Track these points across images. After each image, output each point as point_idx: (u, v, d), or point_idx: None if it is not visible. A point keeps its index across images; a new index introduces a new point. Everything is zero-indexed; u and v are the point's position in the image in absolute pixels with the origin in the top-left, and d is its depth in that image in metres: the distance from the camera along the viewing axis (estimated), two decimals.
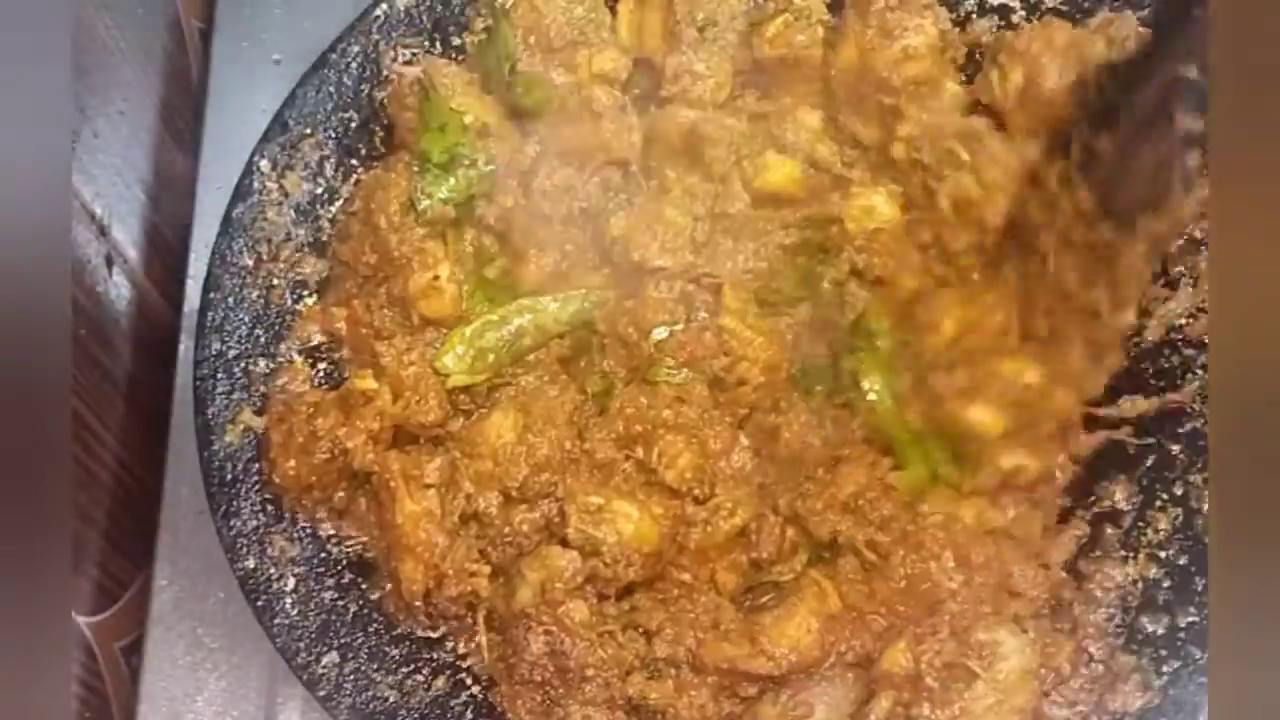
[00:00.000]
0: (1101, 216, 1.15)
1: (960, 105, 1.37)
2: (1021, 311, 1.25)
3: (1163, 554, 1.28)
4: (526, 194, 1.34)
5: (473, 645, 1.28)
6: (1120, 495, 1.32)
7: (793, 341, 1.35)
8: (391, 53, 1.41)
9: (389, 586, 1.29)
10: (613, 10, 1.42)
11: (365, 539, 1.30)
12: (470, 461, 1.26)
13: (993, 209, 1.29)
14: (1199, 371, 1.32)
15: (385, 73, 1.40)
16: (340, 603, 1.28)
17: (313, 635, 1.25)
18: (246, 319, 1.34)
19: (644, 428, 1.28)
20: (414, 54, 1.41)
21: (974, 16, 1.43)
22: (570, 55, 1.38)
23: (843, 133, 1.38)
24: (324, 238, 1.39)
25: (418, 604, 1.25)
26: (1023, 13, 1.44)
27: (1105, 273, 1.17)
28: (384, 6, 1.41)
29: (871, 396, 1.29)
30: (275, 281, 1.36)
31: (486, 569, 1.24)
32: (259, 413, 1.31)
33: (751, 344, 1.30)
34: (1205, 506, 1.27)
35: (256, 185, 1.36)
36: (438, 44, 1.44)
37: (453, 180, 1.32)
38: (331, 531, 1.31)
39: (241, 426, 1.30)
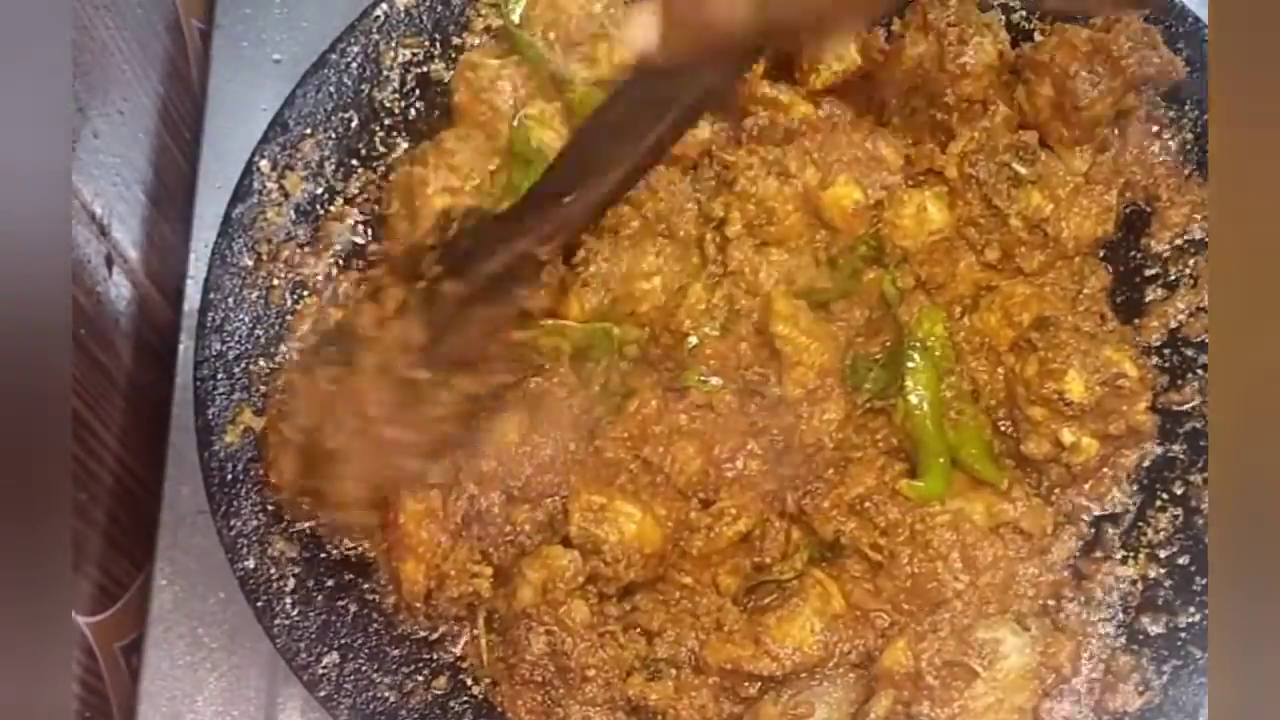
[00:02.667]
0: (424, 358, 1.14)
1: (1012, 127, 1.37)
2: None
3: (1163, 554, 1.28)
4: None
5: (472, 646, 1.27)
6: (1120, 495, 1.32)
7: (846, 343, 1.34)
8: (391, 53, 1.42)
9: (389, 587, 1.30)
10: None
11: (366, 540, 1.30)
12: (473, 462, 1.26)
13: (1067, 225, 1.31)
14: (1199, 371, 1.32)
15: (458, 56, 1.42)
16: (340, 603, 1.28)
17: (313, 635, 1.25)
18: (246, 319, 1.34)
19: (660, 429, 1.28)
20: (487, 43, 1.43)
21: None
22: (591, 49, 1.38)
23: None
24: (322, 236, 1.39)
25: (418, 604, 1.25)
26: (1023, 11, 1.44)
27: None
28: (384, 6, 1.41)
29: (912, 399, 1.28)
30: (275, 281, 1.36)
31: (489, 570, 1.24)
32: (259, 413, 1.31)
33: (807, 350, 1.29)
34: (1205, 506, 1.27)
35: (256, 185, 1.36)
36: (438, 44, 1.44)
37: None
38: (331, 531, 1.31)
39: (241, 426, 1.30)
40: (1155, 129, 1.37)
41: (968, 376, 1.32)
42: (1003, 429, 1.32)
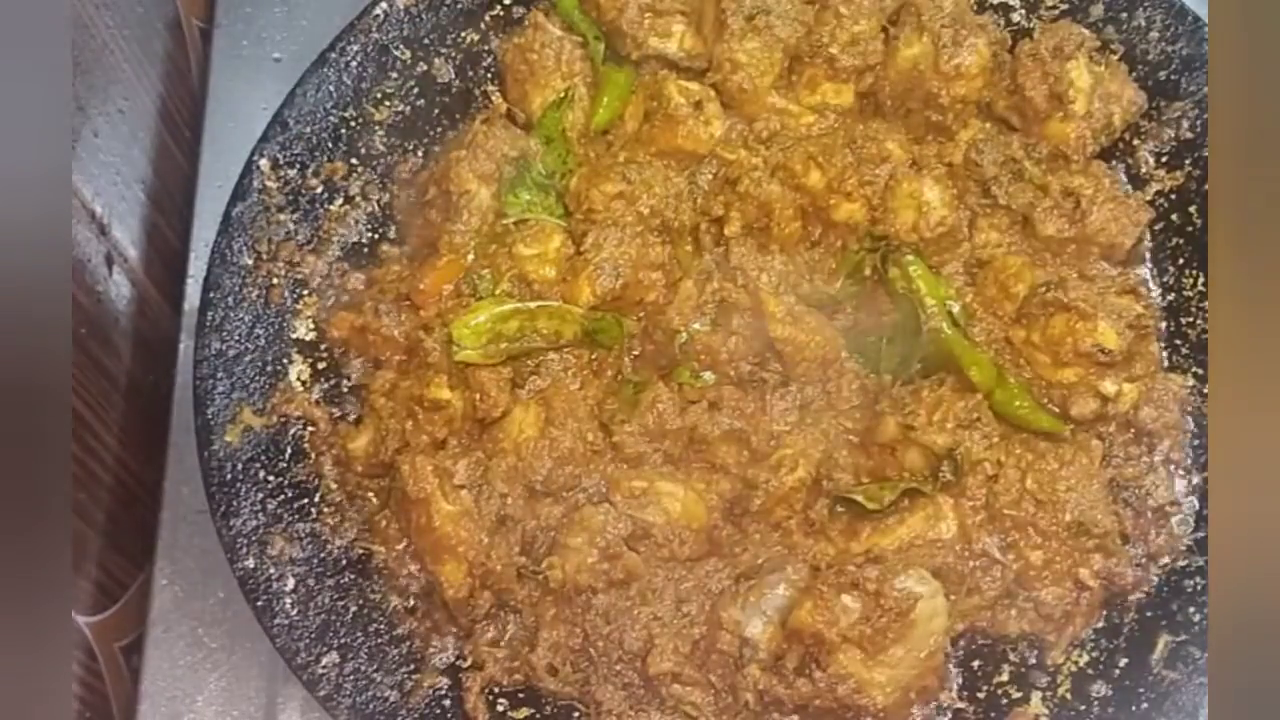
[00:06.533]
0: None
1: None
2: None
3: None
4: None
5: (485, 639, 1.27)
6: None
7: (845, 331, 1.35)
8: (392, 51, 1.42)
9: (390, 587, 1.30)
10: None
11: (377, 544, 1.30)
12: (494, 459, 1.26)
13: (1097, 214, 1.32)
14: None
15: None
16: (340, 603, 1.28)
17: (313, 635, 1.25)
18: (246, 318, 1.34)
19: (677, 424, 1.28)
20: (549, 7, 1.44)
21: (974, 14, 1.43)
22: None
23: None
24: (322, 236, 1.39)
25: (462, 599, 1.24)
26: (1023, 11, 1.44)
27: None
28: (384, 5, 1.41)
29: (937, 324, 1.31)
30: (275, 281, 1.36)
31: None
32: (259, 412, 1.31)
33: (807, 347, 1.30)
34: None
35: (256, 184, 1.36)
36: (438, 43, 1.44)
37: (538, 197, 1.36)
38: (331, 531, 1.31)
39: (241, 426, 1.30)
40: None
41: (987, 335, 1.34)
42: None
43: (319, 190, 1.39)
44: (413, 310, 1.33)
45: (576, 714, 1.26)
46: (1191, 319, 1.35)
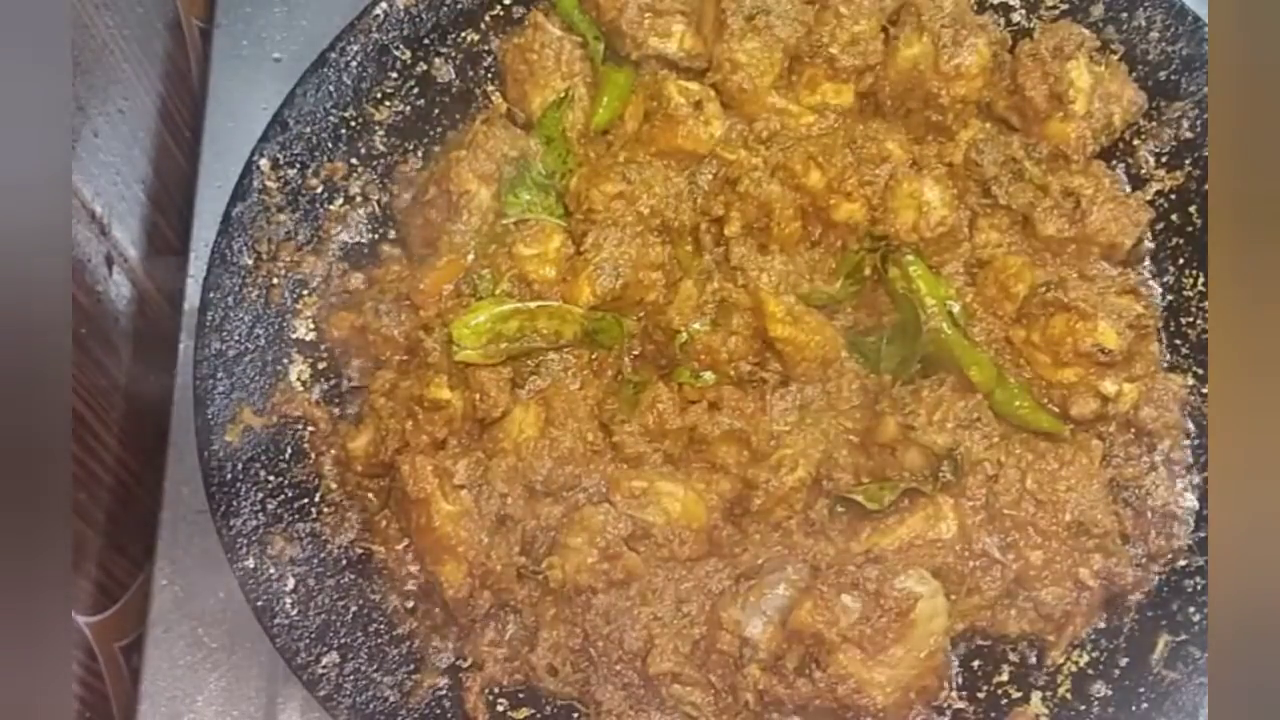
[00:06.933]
0: None
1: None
2: None
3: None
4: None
5: (485, 639, 1.27)
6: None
7: (845, 331, 1.35)
8: (392, 52, 1.42)
9: (390, 587, 1.30)
10: None
11: (376, 544, 1.31)
12: (493, 460, 1.26)
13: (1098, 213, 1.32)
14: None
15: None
16: (340, 603, 1.28)
17: (313, 635, 1.25)
18: (246, 318, 1.34)
19: (677, 424, 1.28)
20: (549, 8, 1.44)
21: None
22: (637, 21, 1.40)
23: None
24: (322, 236, 1.39)
25: (462, 599, 1.24)
26: (1023, 11, 1.44)
27: None
28: (384, 5, 1.41)
29: (937, 325, 1.30)
30: (275, 281, 1.36)
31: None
32: (259, 412, 1.32)
33: (807, 347, 1.30)
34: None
35: (256, 184, 1.36)
36: (438, 43, 1.44)
37: (538, 197, 1.36)
38: (331, 531, 1.31)
39: (241, 426, 1.30)
40: None
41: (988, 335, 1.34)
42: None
43: (319, 190, 1.40)
44: (413, 310, 1.33)
45: (576, 714, 1.26)
46: (1191, 319, 1.35)
